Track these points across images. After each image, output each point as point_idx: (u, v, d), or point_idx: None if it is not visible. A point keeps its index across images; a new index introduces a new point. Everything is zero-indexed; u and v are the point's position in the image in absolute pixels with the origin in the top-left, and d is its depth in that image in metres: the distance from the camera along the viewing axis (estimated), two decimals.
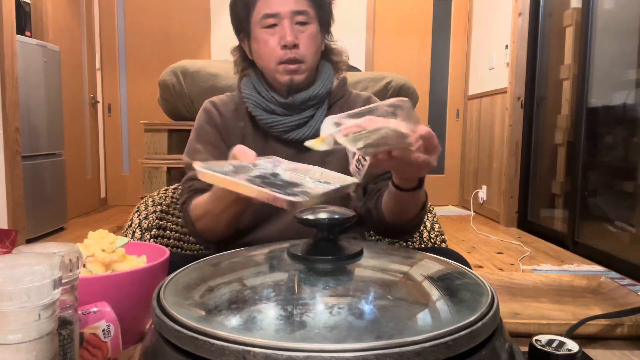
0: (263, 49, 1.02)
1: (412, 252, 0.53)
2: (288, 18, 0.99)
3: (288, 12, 0.99)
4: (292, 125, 1.02)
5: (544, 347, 0.45)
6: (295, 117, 1.02)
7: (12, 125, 2.96)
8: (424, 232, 1.26)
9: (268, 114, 1.03)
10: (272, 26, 0.99)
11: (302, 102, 1.02)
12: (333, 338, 0.32)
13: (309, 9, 1.00)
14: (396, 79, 2.72)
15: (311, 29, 1.01)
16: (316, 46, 1.02)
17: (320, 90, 1.03)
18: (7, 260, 0.37)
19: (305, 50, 1.00)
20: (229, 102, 1.11)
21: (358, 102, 1.11)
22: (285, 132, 1.03)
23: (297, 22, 0.99)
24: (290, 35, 0.98)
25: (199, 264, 0.48)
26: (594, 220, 3.18)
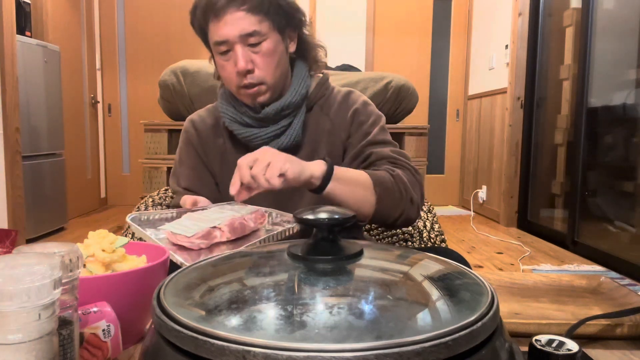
0: (222, 74, 1.00)
1: (412, 252, 0.53)
2: (238, 43, 0.94)
3: (236, 37, 0.93)
4: (270, 137, 1.00)
5: (544, 347, 0.45)
6: (271, 128, 1.00)
7: (12, 125, 2.96)
8: (423, 232, 1.26)
9: (245, 128, 1.02)
10: (226, 52, 0.96)
11: (274, 113, 0.99)
12: (333, 338, 0.32)
13: (261, 25, 0.94)
14: (396, 79, 2.72)
15: (267, 46, 0.95)
16: (276, 60, 0.98)
17: (293, 99, 1.00)
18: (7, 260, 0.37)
19: (262, 72, 0.96)
20: (207, 118, 1.10)
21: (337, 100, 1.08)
22: (263, 144, 1.00)
23: (249, 44, 0.94)
24: (242, 62, 0.93)
25: (199, 264, 0.48)
26: (594, 220, 3.18)
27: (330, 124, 1.05)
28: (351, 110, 1.05)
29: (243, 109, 1.01)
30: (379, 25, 4.91)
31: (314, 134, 1.05)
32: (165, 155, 2.66)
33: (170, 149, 2.69)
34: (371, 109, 1.08)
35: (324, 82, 1.09)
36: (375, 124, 1.05)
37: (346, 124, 1.05)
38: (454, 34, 5.05)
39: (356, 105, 1.06)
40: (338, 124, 1.05)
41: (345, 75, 2.83)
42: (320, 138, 1.05)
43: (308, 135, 1.04)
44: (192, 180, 1.07)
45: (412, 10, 4.94)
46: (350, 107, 1.06)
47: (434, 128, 4.95)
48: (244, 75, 0.95)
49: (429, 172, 4.80)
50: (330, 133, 1.05)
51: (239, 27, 0.92)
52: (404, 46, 4.97)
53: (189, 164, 1.08)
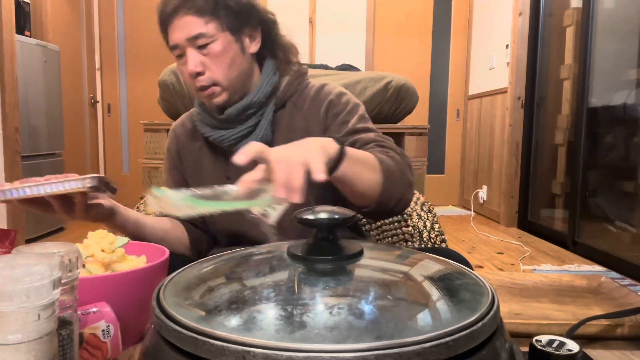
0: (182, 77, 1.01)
1: (412, 252, 0.53)
2: (188, 46, 0.94)
3: (184, 40, 0.94)
4: (237, 137, 0.99)
5: (545, 348, 0.45)
6: (238, 129, 0.99)
7: (11, 125, 2.96)
8: (423, 232, 1.26)
9: (213, 129, 1.02)
10: (180, 56, 0.96)
11: (237, 114, 0.98)
12: (333, 338, 0.32)
13: (206, 27, 0.93)
14: (396, 79, 2.72)
15: (216, 47, 0.94)
16: (228, 61, 0.96)
17: (255, 98, 0.98)
18: (7, 261, 0.37)
19: (212, 73, 0.95)
20: (187, 122, 1.11)
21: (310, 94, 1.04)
22: (233, 145, 0.99)
23: (198, 46, 0.94)
24: (190, 66, 0.94)
25: (199, 264, 0.48)
26: (594, 220, 3.18)
27: (304, 121, 1.02)
28: (325, 104, 1.02)
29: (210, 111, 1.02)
30: (379, 25, 4.91)
31: (286, 132, 1.01)
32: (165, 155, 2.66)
33: None
34: (347, 99, 1.04)
35: (296, 77, 1.05)
36: (353, 112, 1.01)
37: (320, 119, 1.02)
38: (454, 34, 5.05)
39: (330, 97, 1.03)
40: (312, 119, 1.02)
41: (345, 75, 2.83)
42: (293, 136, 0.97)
43: (280, 133, 1.01)
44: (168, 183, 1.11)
45: (412, 10, 4.94)
46: (323, 100, 1.03)
47: (434, 128, 4.94)
48: (195, 77, 0.95)
49: (429, 172, 4.79)
50: (305, 130, 1.01)
51: (186, 31, 0.93)
52: (404, 46, 4.97)
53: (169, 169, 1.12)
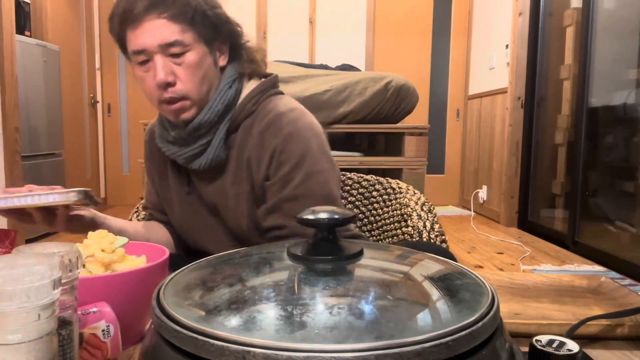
0: (142, 87, 0.91)
1: (412, 252, 0.53)
2: (158, 53, 0.85)
3: (155, 46, 0.84)
4: (189, 156, 0.93)
5: (545, 348, 0.45)
6: (189, 148, 0.93)
7: (11, 125, 2.96)
8: (423, 233, 1.25)
9: (168, 145, 0.96)
10: (144, 62, 0.87)
11: (189, 133, 0.91)
12: (333, 338, 0.32)
13: (183, 35, 0.85)
14: (396, 79, 2.72)
15: (191, 57, 0.86)
16: (201, 74, 0.88)
17: (207, 118, 0.90)
18: (7, 260, 0.37)
19: (184, 85, 0.87)
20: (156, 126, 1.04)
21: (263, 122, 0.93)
22: (186, 163, 0.95)
23: (170, 54, 0.86)
24: (161, 74, 0.85)
25: (199, 264, 0.48)
26: (594, 220, 3.18)
27: (249, 154, 0.93)
28: (272, 146, 0.91)
29: (166, 124, 0.96)
30: (379, 25, 4.91)
31: (237, 158, 0.94)
32: None
33: None
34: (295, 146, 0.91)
35: (254, 94, 0.95)
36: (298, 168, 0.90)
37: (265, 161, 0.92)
38: (454, 34, 5.05)
39: (278, 138, 0.91)
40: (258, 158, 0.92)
41: (345, 75, 2.83)
42: (242, 168, 0.94)
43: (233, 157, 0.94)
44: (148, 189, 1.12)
45: (412, 10, 4.94)
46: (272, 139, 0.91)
47: (434, 128, 4.94)
48: (164, 88, 0.87)
49: (429, 172, 4.79)
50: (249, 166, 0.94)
51: (159, 36, 0.84)
52: (404, 46, 4.97)
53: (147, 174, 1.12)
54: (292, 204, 0.89)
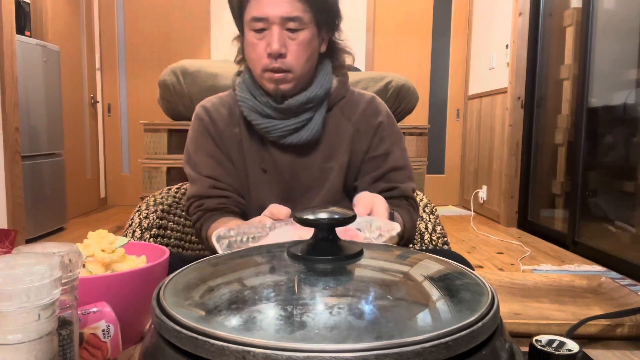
0: (251, 53, 0.96)
1: (412, 252, 0.53)
2: (277, 24, 0.91)
3: (278, 17, 0.91)
4: (289, 130, 0.98)
5: (545, 347, 0.45)
6: (292, 121, 0.98)
7: (11, 125, 2.96)
8: (425, 234, 1.25)
9: (263, 118, 0.98)
10: (261, 30, 0.93)
11: (298, 105, 0.97)
12: (333, 338, 0.32)
13: (304, 13, 0.92)
14: (396, 79, 2.72)
15: (304, 36, 0.94)
16: (309, 53, 0.96)
17: (318, 92, 0.98)
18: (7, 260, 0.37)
19: (293, 60, 0.94)
20: (221, 106, 1.06)
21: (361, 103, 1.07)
22: (282, 137, 0.98)
23: (287, 28, 0.92)
24: (276, 44, 0.91)
25: (199, 264, 0.48)
26: (594, 220, 3.18)
27: (352, 129, 1.04)
28: (377, 121, 1.05)
29: (264, 99, 0.98)
30: (379, 25, 4.91)
31: (333, 136, 1.03)
32: (165, 155, 2.66)
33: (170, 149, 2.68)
34: (394, 124, 1.08)
35: (344, 83, 1.06)
36: (397, 144, 1.06)
37: (369, 134, 1.04)
38: (454, 34, 5.05)
39: (382, 117, 1.06)
40: (362, 131, 1.04)
41: None
42: (340, 142, 1.03)
43: (326, 136, 1.02)
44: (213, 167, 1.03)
45: (412, 10, 4.94)
46: (376, 116, 1.06)
47: (434, 128, 4.95)
48: (275, 58, 0.92)
49: (429, 172, 4.80)
50: (353, 140, 1.04)
51: (283, 8, 0.91)
52: (404, 46, 4.97)
53: (207, 152, 1.03)
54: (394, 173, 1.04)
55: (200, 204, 1.01)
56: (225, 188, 1.01)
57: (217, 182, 1.01)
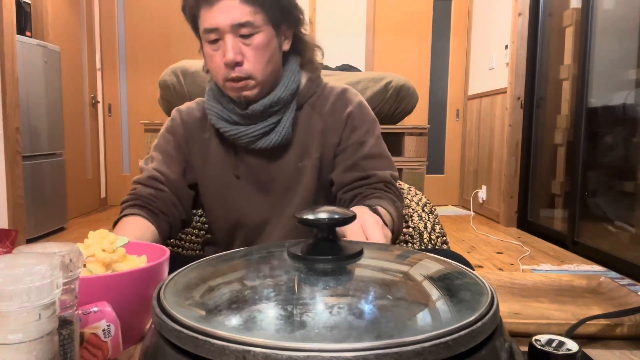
0: (210, 65, 0.96)
1: (412, 252, 0.53)
2: (229, 32, 0.89)
3: (228, 25, 0.89)
4: (258, 135, 0.96)
5: (544, 347, 0.45)
6: (259, 126, 0.96)
7: (12, 125, 2.96)
8: (424, 234, 1.25)
9: (231, 125, 0.98)
10: (215, 41, 0.91)
11: (263, 110, 0.95)
12: (333, 338, 0.32)
13: (254, 16, 0.89)
14: (396, 79, 2.72)
15: (259, 40, 0.91)
16: (268, 56, 0.93)
17: (282, 95, 0.96)
18: (7, 260, 0.37)
19: (251, 66, 0.92)
20: (195, 110, 1.07)
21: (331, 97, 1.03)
22: (251, 142, 0.97)
23: (240, 34, 0.90)
24: (230, 53, 0.89)
25: (199, 264, 0.48)
26: (593, 220, 3.18)
27: (322, 124, 1.01)
28: (346, 112, 1.02)
29: (230, 105, 0.97)
30: (379, 25, 4.91)
31: (304, 134, 1.01)
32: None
33: None
34: (366, 113, 1.04)
35: (314, 78, 1.04)
36: (370, 132, 1.03)
37: (339, 127, 1.02)
38: (454, 34, 5.05)
39: (351, 107, 1.03)
40: (331, 125, 1.02)
41: (345, 75, 2.83)
42: (311, 138, 1.01)
43: (298, 134, 1.01)
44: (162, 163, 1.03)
45: (412, 10, 4.94)
46: (345, 108, 1.03)
47: (434, 128, 4.95)
48: (232, 67, 0.91)
49: (429, 172, 4.80)
50: (323, 134, 1.01)
51: (232, 16, 0.88)
52: (404, 46, 4.97)
53: (164, 150, 1.05)
54: (369, 161, 1.01)
55: (134, 188, 1.02)
56: (164, 183, 1.01)
57: (158, 176, 1.01)
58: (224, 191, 1.03)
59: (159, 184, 1.01)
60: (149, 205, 0.98)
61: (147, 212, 0.97)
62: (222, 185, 1.03)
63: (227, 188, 1.03)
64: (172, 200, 1.01)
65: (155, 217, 0.98)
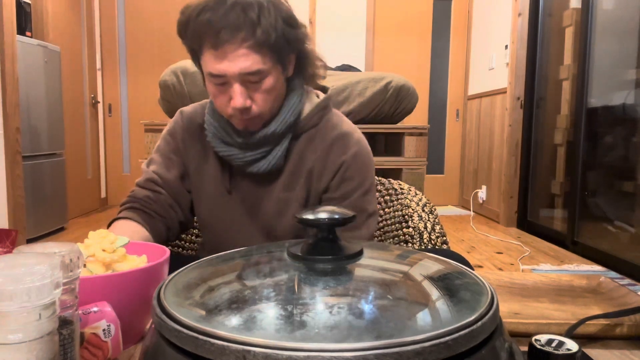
0: (213, 99, 0.92)
1: (412, 252, 0.53)
2: (237, 80, 0.85)
3: (236, 74, 0.84)
4: (249, 160, 0.95)
5: (544, 347, 0.45)
6: (250, 152, 0.94)
7: (12, 125, 2.96)
8: (424, 234, 1.25)
9: (225, 146, 0.96)
10: (221, 84, 0.87)
11: (257, 141, 0.93)
12: (333, 338, 0.32)
13: (264, 64, 0.85)
14: (396, 79, 2.72)
15: (268, 83, 0.87)
16: (275, 93, 0.90)
17: (279, 129, 0.93)
18: (8, 260, 0.37)
19: (260, 108, 0.89)
20: (199, 115, 1.04)
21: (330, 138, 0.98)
22: (243, 166, 0.96)
23: (249, 81, 0.86)
24: (240, 100, 0.86)
25: (199, 263, 0.48)
26: (593, 220, 3.18)
27: (312, 165, 0.98)
28: (340, 161, 0.97)
29: (227, 127, 0.95)
30: (379, 25, 4.91)
31: (295, 166, 0.98)
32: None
33: None
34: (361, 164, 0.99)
35: (320, 109, 0.99)
36: (359, 188, 0.98)
37: (329, 174, 0.98)
38: (454, 34, 5.05)
39: (346, 156, 0.97)
40: (321, 170, 0.98)
41: (345, 75, 2.83)
42: (299, 175, 0.98)
43: (290, 164, 0.98)
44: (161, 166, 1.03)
45: (412, 10, 4.94)
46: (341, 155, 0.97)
47: (434, 128, 4.95)
48: (240, 112, 0.88)
49: (429, 172, 4.80)
50: (310, 176, 0.98)
51: (241, 65, 0.83)
52: (404, 46, 4.97)
53: (164, 153, 1.04)
54: None
55: (132, 190, 1.02)
56: (161, 185, 1.01)
57: (156, 178, 1.01)
58: (215, 202, 1.02)
59: (156, 186, 1.01)
60: (145, 207, 0.98)
61: (142, 215, 0.97)
62: (215, 195, 1.02)
63: (219, 199, 1.02)
64: (169, 203, 1.02)
65: (151, 219, 0.98)
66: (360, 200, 0.99)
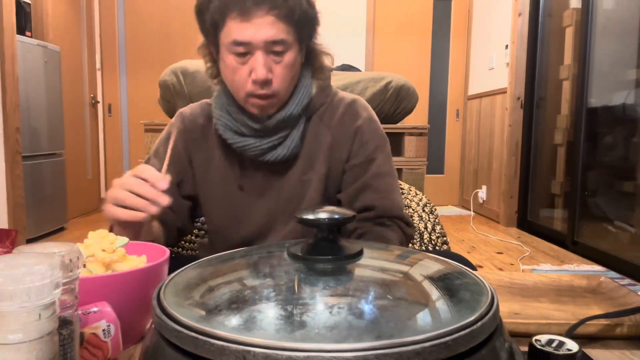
0: (231, 77, 0.90)
1: (412, 252, 0.53)
2: (262, 49, 0.85)
3: (262, 41, 0.84)
4: (266, 148, 0.94)
5: (544, 347, 0.45)
6: (267, 140, 0.93)
7: (12, 126, 2.96)
8: (424, 234, 1.25)
9: (240, 137, 0.95)
10: (242, 54, 0.86)
11: (275, 125, 0.93)
12: (333, 338, 0.32)
13: (288, 35, 0.86)
14: (396, 79, 2.72)
15: (289, 57, 0.88)
16: (293, 73, 0.91)
17: (295, 110, 0.93)
18: (7, 260, 0.37)
19: (279, 84, 0.89)
20: (199, 116, 1.03)
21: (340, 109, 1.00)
22: (259, 155, 0.95)
23: (272, 51, 0.86)
24: (263, 71, 0.85)
25: (199, 264, 0.48)
26: (593, 220, 3.18)
27: (330, 137, 0.99)
28: (354, 126, 0.99)
29: (240, 117, 0.94)
30: (379, 26, 4.91)
31: (311, 146, 0.98)
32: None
33: None
34: (376, 128, 1.02)
35: (324, 88, 1.00)
36: (380, 149, 1.00)
37: (348, 142, 0.99)
38: (454, 34, 5.05)
39: (360, 121, 1.00)
40: (340, 139, 0.99)
41: (345, 75, 2.83)
42: (318, 151, 0.99)
43: (305, 147, 0.98)
44: None
45: (412, 10, 4.94)
46: (353, 121, 1.00)
47: (434, 128, 4.95)
48: (261, 85, 0.87)
49: (429, 172, 4.80)
50: (331, 148, 0.99)
51: (267, 32, 0.84)
52: (404, 46, 4.97)
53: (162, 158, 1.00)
54: (379, 179, 0.98)
55: None
56: None
57: None
58: (226, 202, 1.01)
59: None
60: None
61: None
62: (225, 195, 1.01)
63: (230, 199, 1.00)
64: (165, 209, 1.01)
65: None
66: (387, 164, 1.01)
